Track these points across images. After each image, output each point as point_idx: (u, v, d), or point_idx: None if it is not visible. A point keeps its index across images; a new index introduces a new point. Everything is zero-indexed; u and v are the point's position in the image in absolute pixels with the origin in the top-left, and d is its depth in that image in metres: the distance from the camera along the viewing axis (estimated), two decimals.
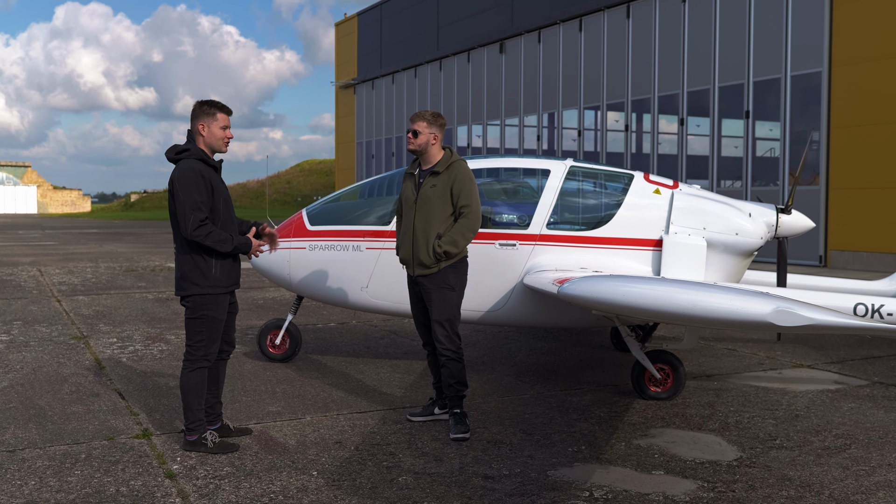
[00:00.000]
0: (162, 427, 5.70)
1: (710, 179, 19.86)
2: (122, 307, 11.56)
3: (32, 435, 5.48)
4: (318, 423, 5.85)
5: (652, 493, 4.52)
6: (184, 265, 5.14)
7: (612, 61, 22.82)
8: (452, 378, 5.65)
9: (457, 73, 30.06)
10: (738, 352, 8.64)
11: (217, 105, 5.18)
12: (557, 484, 4.67)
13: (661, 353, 6.61)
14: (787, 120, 18.00)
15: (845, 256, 16.83)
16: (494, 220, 7.23)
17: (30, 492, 4.48)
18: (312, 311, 11.10)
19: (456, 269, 5.67)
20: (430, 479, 4.73)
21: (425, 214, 5.60)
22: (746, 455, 5.21)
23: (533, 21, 25.79)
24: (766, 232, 7.24)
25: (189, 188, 5.00)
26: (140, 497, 4.41)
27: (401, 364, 7.89)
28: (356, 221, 7.50)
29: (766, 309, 4.36)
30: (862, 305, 6.67)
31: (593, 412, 6.20)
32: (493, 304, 7.08)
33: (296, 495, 4.45)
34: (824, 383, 7.24)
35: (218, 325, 5.20)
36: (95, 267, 17.85)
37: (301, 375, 7.32)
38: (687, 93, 20.49)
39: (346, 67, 39.07)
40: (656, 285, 5.03)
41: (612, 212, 7.21)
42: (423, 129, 5.67)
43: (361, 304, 7.48)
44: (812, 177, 17.38)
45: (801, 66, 17.69)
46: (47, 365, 7.68)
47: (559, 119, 25.13)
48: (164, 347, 8.60)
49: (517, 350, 8.67)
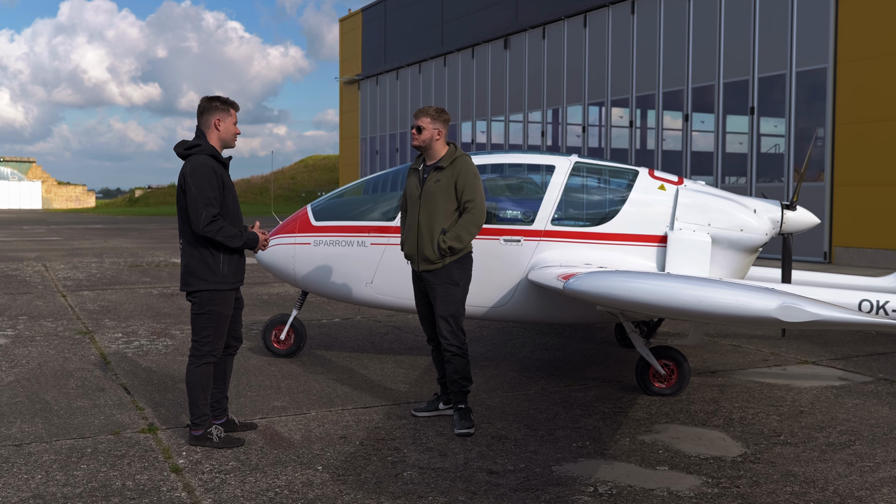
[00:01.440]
0: (167, 422, 5.72)
1: (714, 176, 19.83)
2: (126, 302, 11.58)
3: (38, 429, 5.50)
4: (323, 418, 5.86)
5: (656, 489, 4.53)
6: (191, 260, 5.16)
7: (616, 57, 22.79)
8: (457, 373, 5.66)
9: (461, 69, 30.03)
10: (742, 348, 8.64)
11: (228, 101, 5.25)
12: (562, 479, 4.68)
13: (666, 349, 6.61)
14: (791, 116, 17.96)
15: (850, 253, 16.80)
16: (499, 215, 7.23)
17: (36, 485, 4.50)
18: (317, 307, 11.12)
19: (460, 265, 5.68)
20: (435, 473, 4.74)
21: (429, 210, 5.61)
22: (751, 451, 5.21)
23: (537, 17, 25.76)
24: (771, 228, 7.23)
25: (202, 183, 5.03)
26: (146, 491, 4.43)
27: (405, 359, 7.90)
28: (361, 217, 7.51)
29: (772, 304, 4.36)
30: (867, 302, 6.67)
31: (597, 408, 6.21)
32: (497, 300, 7.08)
33: (301, 490, 4.47)
34: (829, 380, 7.23)
35: (224, 321, 5.22)
36: (100, 262, 17.89)
37: (306, 371, 7.34)
38: (692, 89, 20.44)
39: (350, 63, 39.05)
40: (662, 281, 5.03)
41: (617, 208, 7.21)
42: (428, 124, 5.67)
43: (366, 299, 7.50)
44: (817, 173, 17.35)
45: (807, 63, 17.65)
46: (53, 360, 7.71)
47: (563, 115, 25.09)
48: (169, 343, 8.62)
49: (521, 346, 8.67)
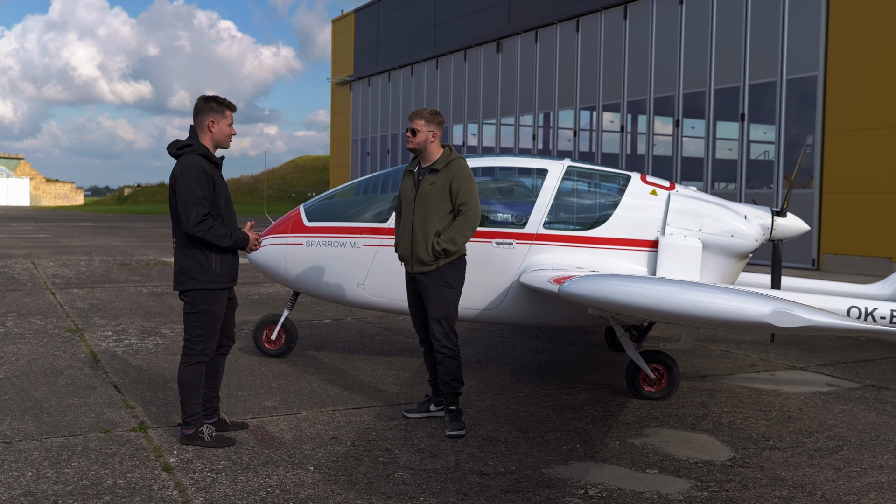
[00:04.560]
0: (158, 420, 5.71)
1: (704, 181, 19.92)
2: (116, 301, 11.55)
3: (29, 427, 5.49)
4: (314, 418, 5.87)
5: (646, 492, 4.56)
6: (183, 260, 5.16)
7: (608, 62, 22.87)
8: (449, 375, 5.68)
9: (453, 72, 30.07)
10: (731, 353, 8.68)
11: (225, 102, 5.23)
12: (552, 481, 4.70)
13: (656, 354, 6.65)
14: (782, 123, 18.06)
15: (838, 260, 16.91)
16: (491, 218, 7.26)
17: (27, 483, 4.49)
18: (308, 308, 11.11)
19: (454, 267, 5.69)
20: (426, 475, 4.75)
21: (424, 212, 5.62)
22: (739, 455, 5.24)
23: (530, 21, 25.82)
24: (762, 234, 7.28)
25: (192, 183, 5.02)
26: (137, 489, 4.43)
27: (396, 361, 7.91)
28: (354, 218, 7.52)
29: (764, 309, 4.40)
30: (855, 308, 6.74)
31: (588, 411, 6.23)
32: (489, 303, 7.10)
33: (292, 489, 4.47)
34: (817, 385, 7.28)
35: (217, 321, 5.22)
36: (89, 260, 17.82)
37: (297, 371, 7.34)
38: (683, 95, 20.53)
39: (342, 64, 39.04)
40: (656, 285, 5.06)
41: (609, 212, 7.25)
42: (422, 127, 5.69)
43: (358, 300, 7.51)
44: (806, 180, 17.45)
45: (797, 70, 17.75)
46: (42, 357, 7.68)
47: (555, 119, 25.16)
48: (159, 341, 8.60)
49: (512, 348, 8.69)
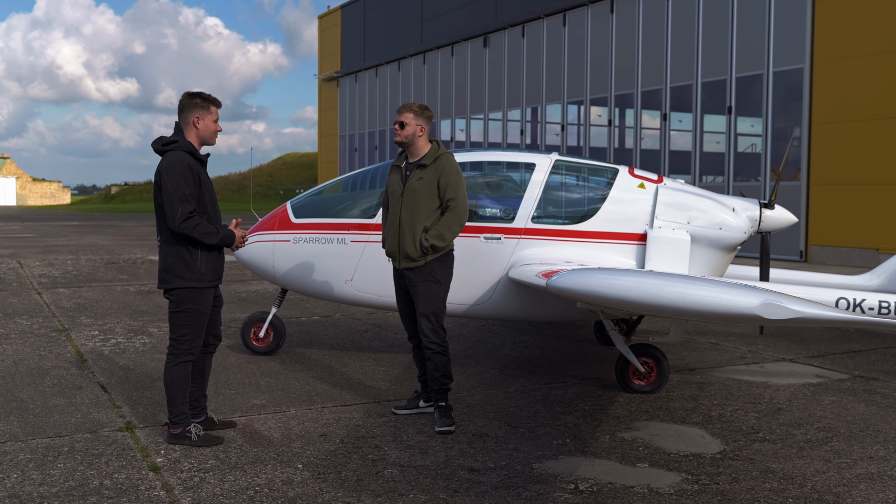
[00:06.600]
0: (145, 420, 5.67)
1: (692, 174, 19.94)
2: (103, 300, 11.47)
3: (14, 428, 5.43)
4: (303, 416, 5.83)
5: (637, 486, 4.54)
6: (168, 258, 5.10)
7: (595, 56, 22.86)
8: (437, 371, 5.65)
9: (440, 67, 30.00)
10: (720, 346, 8.69)
11: (210, 98, 5.18)
12: (542, 476, 4.68)
13: (645, 347, 6.64)
14: (769, 116, 18.09)
15: (825, 252, 16.96)
16: (479, 213, 7.23)
17: (12, 485, 4.44)
18: (296, 304, 11.06)
19: (442, 263, 5.66)
20: (416, 471, 4.73)
21: (412, 207, 5.59)
22: (730, 448, 5.24)
23: (517, 15, 25.78)
24: (750, 227, 7.28)
25: (177, 180, 4.97)
26: (124, 490, 4.39)
27: (385, 357, 7.88)
28: (341, 214, 7.48)
29: (754, 302, 4.39)
30: (844, 300, 6.75)
31: (578, 405, 6.22)
32: (477, 298, 7.08)
33: (281, 488, 4.44)
34: (806, 377, 7.29)
35: (202, 319, 5.17)
36: (76, 259, 17.70)
37: (285, 368, 7.30)
38: (670, 88, 20.54)
39: (329, 60, 38.90)
40: (645, 278, 5.05)
41: (597, 206, 7.23)
42: (410, 120, 5.65)
43: (346, 297, 7.47)
44: (794, 172, 17.50)
45: (784, 63, 17.79)
46: (28, 357, 7.61)
47: (542, 113, 25.14)
48: (146, 340, 8.54)
49: (501, 344, 8.68)
